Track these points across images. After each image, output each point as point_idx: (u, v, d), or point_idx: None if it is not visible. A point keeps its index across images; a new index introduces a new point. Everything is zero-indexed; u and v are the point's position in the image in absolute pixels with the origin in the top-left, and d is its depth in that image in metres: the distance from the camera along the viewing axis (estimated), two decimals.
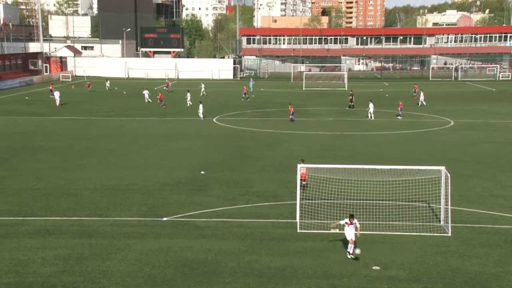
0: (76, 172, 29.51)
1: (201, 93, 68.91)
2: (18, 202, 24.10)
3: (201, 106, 49.46)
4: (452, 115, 52.21)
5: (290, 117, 47.99)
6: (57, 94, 60.36)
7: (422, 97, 58.80)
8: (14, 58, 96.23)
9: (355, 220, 18.64)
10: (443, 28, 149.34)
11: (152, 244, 19.16)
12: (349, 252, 18.25)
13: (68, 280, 16.26)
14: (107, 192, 25.60)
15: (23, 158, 33.12)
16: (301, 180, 23.32)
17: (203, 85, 71.43)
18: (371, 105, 49.39)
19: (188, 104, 58.13)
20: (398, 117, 49.50)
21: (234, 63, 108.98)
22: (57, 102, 59.22)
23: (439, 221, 21.51)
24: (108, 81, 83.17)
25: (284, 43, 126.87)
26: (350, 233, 18.48)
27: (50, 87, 69.81)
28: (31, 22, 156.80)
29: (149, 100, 61.80)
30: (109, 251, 18.51)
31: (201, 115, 48.67)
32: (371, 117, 48.82)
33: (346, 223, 18.57)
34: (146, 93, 62.84)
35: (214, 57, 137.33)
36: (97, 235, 20.12)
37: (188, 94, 60.19)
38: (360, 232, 18.82)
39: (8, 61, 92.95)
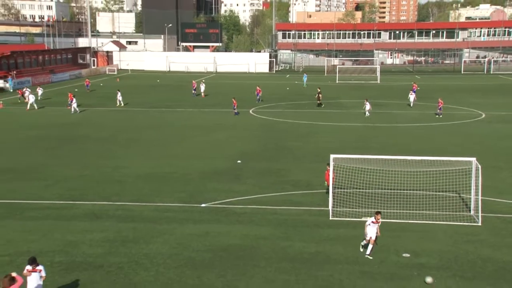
0: (120, 161, 30.06)
1: (202, 94, 60.70)
2: (68, 187, 24.74)
3: (31, 96, 50.21)
4: (484, 107, 50.88)
5: (235, 111, 46.74)
6: (32, 98, 50.40)
7: (412, 98, 52.86)
8: (65, 52, 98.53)
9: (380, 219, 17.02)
10: (476, 22, 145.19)
11: (192, 229, 19.39)
12: (368, 254, 16.97)
13: (114, 261, 16.65)
14: (150, 179, 26.01)
15: (70, 148, 33.86)
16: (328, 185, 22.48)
17: (203, 84, 62.32)
18: (367, 104, 46.02)
19: (118, 103, 52.74)
20: (438, 116, 45.38)
21: (270, 57, 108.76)
22: (28, 106, 49.81)
23: (469, 210, 21.08)
24: (41, 89, 58.52)
25: (318, 38, 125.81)
26: (372, 231, 16.81)
27: (86, 82, 67.75)
28: (80, 19, 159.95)
29: (122, 103, 52.91)
30: (152, 235, 18.83)
31: (34, 105, 49.68)
32: (366, 114, 45.42)
33: (372, 221, 16.80)
34: (119, 94, 53.43)
35: (251, 51, 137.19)
36: (141, 219, 20.47)
37: (119, 93, 53.35)
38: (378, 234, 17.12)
39: (59, 55, 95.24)
